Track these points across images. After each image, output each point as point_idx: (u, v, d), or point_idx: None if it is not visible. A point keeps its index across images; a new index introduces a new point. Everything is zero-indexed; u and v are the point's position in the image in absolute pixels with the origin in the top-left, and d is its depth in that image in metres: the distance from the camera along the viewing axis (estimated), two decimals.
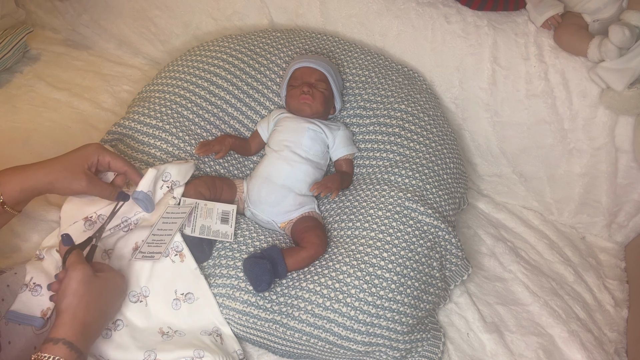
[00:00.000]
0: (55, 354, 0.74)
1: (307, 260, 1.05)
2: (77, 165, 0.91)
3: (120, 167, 0.96)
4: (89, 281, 0.81)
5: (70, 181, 0.90)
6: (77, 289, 0.80)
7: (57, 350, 0.75)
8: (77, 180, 0.90)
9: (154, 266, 0.97)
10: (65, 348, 0.75)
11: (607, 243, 1.46)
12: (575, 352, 1.16)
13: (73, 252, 0.85)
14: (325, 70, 1.23)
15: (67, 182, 0.90)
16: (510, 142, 1.41)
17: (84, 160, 0.92)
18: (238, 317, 1.00)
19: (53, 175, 0.89)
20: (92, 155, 0.93)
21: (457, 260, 1.15)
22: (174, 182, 1.04)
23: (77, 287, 0.80)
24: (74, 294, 0.79)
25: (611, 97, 1.23)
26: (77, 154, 0.92)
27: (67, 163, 0.91)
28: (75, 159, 0.91)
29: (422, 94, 1.33)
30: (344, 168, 1.23)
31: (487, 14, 1.37)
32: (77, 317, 0.78)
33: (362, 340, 0.99)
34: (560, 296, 1.27)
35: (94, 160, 0.93)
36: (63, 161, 0.91)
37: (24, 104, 1.45)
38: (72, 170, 0.90)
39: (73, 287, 0.80)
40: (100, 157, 0.94)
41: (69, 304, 0.79)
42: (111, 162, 0.95)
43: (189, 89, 1.22)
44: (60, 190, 0.90)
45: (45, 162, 0.90)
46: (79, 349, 0.77)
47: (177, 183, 1.05)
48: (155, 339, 0.95)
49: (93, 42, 1.73)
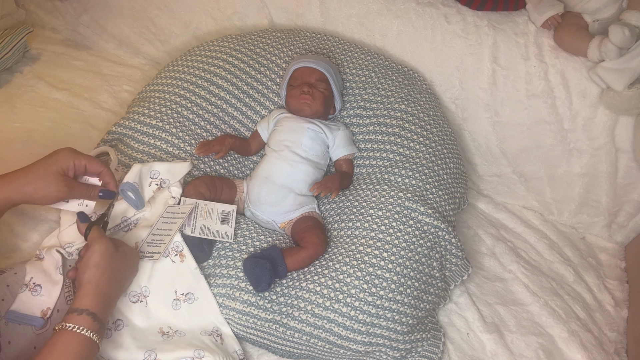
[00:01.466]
0: (79, 324, 0.77)
1: (307, 260, 1.05)
2: (52, 172, 0.88)
3: (97, 169, 0.94)
4: (111, 254, 0.84)
5: (50, 189, 0.87)
6: (100, 261, 0.82)
7: (81, 320, 0.77)
8: (56, 187, 0.88)
9: (154, 266, 0.97)
10: (89, 318, 0.78)
11: (607, 243, 1.47)
12: (575, 352, 1.16)
13: (93, 227, 0.88)
14: (325, 70, 1.23)
15: (46, 191, 0.87)
16: (510, 142, 1.41)
17: (59, 166, 0.89)
18: (238, 317, 1.00)
19: (30, 186, 0.86)
20: (67, 160, 0.90)
21: (457, 260, 1.15)
22: (163, 180, 1.05)
23: (101, 259, 0.82)
24: (97, 266, 0.82)
25: (611, 97, 1.23)
26: (51, 160, 0.89)
27: (42, 171, 0.87)
28: (49, 166, 0.88)
29: (422, 94, 1.33)
30: (344, 168, 1.23)
31: (487, 14, 1.37)
32: (99, 289, 0.81)
33: (362, 340, 0.99)
34: (560, 296, 1.27)
35: (69, 164, 0.90)
36: (37, 170, 0.87)
37: (24, 104, 1.45)
38: (49, 177, 0.87)
39: (97, 259, 0.82)
40: (76, 161, 0.91)
41: (92, 276, 0.81)
42: (87, 165, 0.92)
43: (189, 89, 1.22)
44: (40, 199, 0.88)
45: (17, 172, 0.87)
46: (101, 320, 0.79)
47: (166, 181, 1.05)
48: (156, 339, 0.95)
49: (93, 42, 1.73)
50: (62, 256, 0.95)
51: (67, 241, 0.97)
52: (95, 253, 0.83)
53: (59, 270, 0.93)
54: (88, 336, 0.77)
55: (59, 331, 0.77)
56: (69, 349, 0.76)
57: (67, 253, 0.96)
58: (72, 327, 0.76)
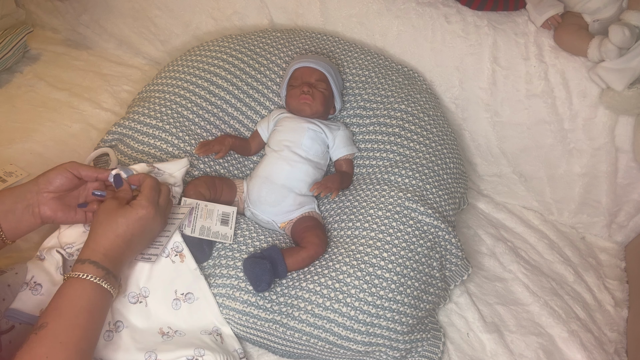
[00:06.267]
0: (82, 271, 0.79)
1: (307, 260, 1.05)
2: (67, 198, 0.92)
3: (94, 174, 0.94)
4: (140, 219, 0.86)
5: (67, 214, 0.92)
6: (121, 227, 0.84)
7: (85, 268, 0.80)
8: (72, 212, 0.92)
9: (153, 267, 0.97)
10: (91, 266, 0.80)
11: (607, 243, 1.47)
12: (575, 352, 1.16)
13: (148, 181, 0.90)
14: (325, 70, 1.23)
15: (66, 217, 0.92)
16: (510, 142, 1.41)
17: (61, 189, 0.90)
18: (238, 317, 1.00)
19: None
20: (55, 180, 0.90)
21: (457, 260, 1.15)
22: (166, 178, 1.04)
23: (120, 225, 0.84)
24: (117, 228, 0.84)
25: (611, 97, 1.23)
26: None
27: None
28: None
29: (422, 94, 1.34)
30: (344, 168, 1.23)
31: (487, 14, 1.37)
32: (101, 242, 0.83)
33: (362, 340, 0.99)
34: (560, 296, 1.27)
35: (59, 182, 0.90)
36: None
37: (24, 104, 1.45)
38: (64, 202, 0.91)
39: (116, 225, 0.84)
40: (82, 171, 0.91)
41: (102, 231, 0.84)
42: (82, 172, 0.92)
43: (189, 89, 1.22)
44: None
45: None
46: (105, 267, 0.81)
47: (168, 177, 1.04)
48: (156, 339, 0.95)
49: (93, 42, 1.73)
50: (62, 257, 0.95)
51: (67, 242, 0.97)
52: (100, 211, 0.85)
53: (60, 270, 0.93)
54: (94, 282, 0.79)
55: (67, 279, 0.80)
56: (75, 292, 0.78)
57: (68, 254, 0.96)
58: (77, 275, 0.79)
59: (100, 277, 0.80)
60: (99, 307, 0.81)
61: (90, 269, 0.80)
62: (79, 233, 0.97)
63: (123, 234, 0.84)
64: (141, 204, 0.87)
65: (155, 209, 0.88)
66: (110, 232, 0.83)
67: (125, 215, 0.85)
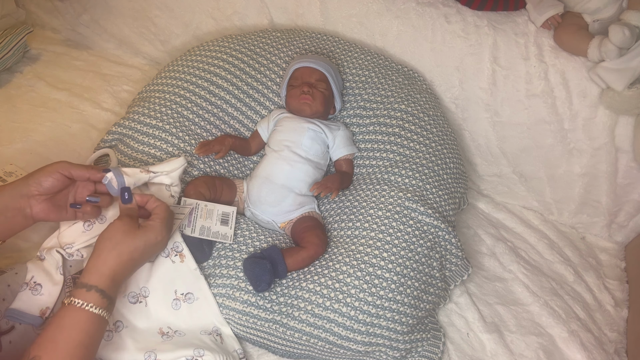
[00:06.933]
0: (88, 301, 0.75)
1: (307, 260, 1.05)
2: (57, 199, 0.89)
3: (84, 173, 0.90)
4: (131, 232, 0.82)
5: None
6: (120, 239, 0.81)
7: (90, 297, 0.76)
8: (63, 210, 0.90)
9: (153, 267, 0.97)
10: (97, 295, 0.76)
11: (607, 243, 1.47)
12: (575, 352, 1.16)
13: (161, 206, 0.87)
14: (325, 70, 1.23)
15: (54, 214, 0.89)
16: (510, 142, 1.41)
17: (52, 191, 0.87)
18: (238, 317, 1.00)
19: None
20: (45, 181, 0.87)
21: (457, 260, 1.15)
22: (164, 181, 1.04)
23: (121, 237, 0.81)
24: (111, 239, 0.81)
25: (611, 97, 1.23)
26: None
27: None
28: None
29: (422, 94, 1.33)
30: (344, 168, 1.23)
31: (487, 14, 1.37)
32: (108, 265, 0.79)
33: (362, 340, 0.99)
34: (560, 296, 1.27)
35: (50, 184, 0.87)
36: None
37: (24, 104, 1.45)
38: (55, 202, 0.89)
39: (114, 235, 0.81)
40: (73, 171, 0.88)
41: (106, 250, 0.80)
42: (73, 172, 0.89)
43: (189, 89, 1.22)
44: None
45: None
46: (109, 296, 0.78)
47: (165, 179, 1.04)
48: (155, 339, 0.95)
49: (93, 42, 1.73)
50: (62, 257, 0.95)
51: (67, 242, 0.97)
52: (115, 228, 0.82)
53: (59, 270, 0.93)
54: (96, 313, 0.75)
55: (67, 306, 0.75)
56: (76, 325, 0.74)
57: (67, 254, 0.96)
58: (81, 304, 0.75)
59: (104, 307, 0.76)
60: (96, 338, 0.77)
61: (95, 299, 0.76)
62: (79, 233, 0.97)
63: (138, 257, 0.82)
64: (159, 228, 0.85)
65: (168, 235, 0.87)
66: (125, 254, 0.80)
67: (145, 239, 0.82)
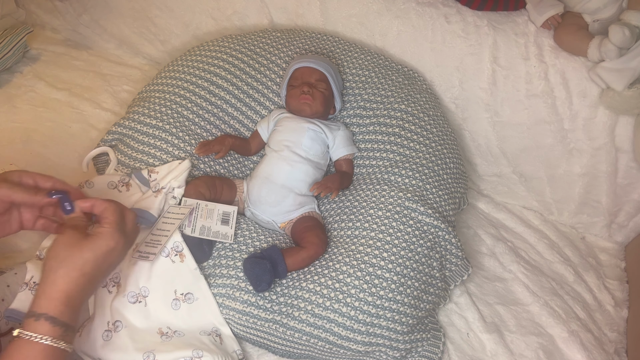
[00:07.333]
0: (37, 332, 0.66)
1: (307, 260, 1.04)
2: None
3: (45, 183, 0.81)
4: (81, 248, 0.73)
5: None
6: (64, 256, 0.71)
7: (39, 327, 0.66)
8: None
9: (153, 266, 0.97)
10: (47, 324, 0.67)
11: (607, 243, 1.46)
12: (575, 352, 1.16)
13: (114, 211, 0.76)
14: (325, 70, 1.23)
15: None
16: (510, 142, 1.41)
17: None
18: (238, 317, 1.00)
19: None
20: None
21: (457, 260, 1.15)
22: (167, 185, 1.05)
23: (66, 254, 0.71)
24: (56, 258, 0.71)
25: (611, 97, 1.23)
26: None
27: None
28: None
29: (422, 94, 1.33)
30: (344, 168, 1.23)
31: (487, 14, 1.37)
32: (59, 288, 0.69)
33: (362, 340, 0.99)
34: (560, 296, 1.27)
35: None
36: None
37: (24, 104, 1.45)
38: None
39: (58, 252, 0.71)
40: (25, 178, 0.79)
41: (52, 269, 0.70)
42: (38, 180, 0.80)
43: (189, 89, 1.22)
44: None
45: None
46: (63, 322, 0.68)
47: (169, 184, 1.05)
48: (154, 339, 0.95)
49: (93, 42, 1.73)
50: None
51: None
52: (57, 245, 0.72)
53: None
54: (48, 344, 0.66)
55: (16, 340, 0.66)
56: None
57: None
58: (30, 337, 0.65)
59: (57, 336, 0.67)
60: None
61: (45, 328, 0.66)
62: None
63: (91, 271, 0.71)
64: (109, 234, 0.74)
65: (125, 239, 0.76)
66: (74, 271, 0.70)
67: (93, 249, 0.72)
